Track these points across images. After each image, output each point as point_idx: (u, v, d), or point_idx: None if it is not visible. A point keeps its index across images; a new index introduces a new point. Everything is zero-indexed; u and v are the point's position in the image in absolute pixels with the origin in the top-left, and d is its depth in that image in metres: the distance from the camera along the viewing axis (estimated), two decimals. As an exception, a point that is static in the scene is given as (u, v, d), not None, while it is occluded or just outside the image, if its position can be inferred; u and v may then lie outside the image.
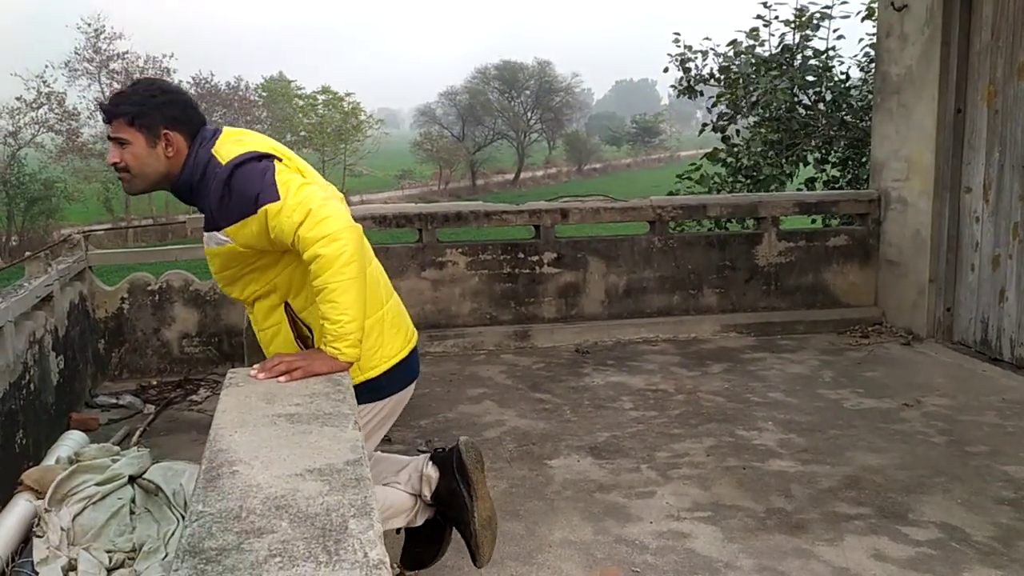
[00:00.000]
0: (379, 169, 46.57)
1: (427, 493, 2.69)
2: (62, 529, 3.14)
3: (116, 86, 35.14)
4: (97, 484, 3.40)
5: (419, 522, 2.76)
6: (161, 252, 5.46)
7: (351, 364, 2.17)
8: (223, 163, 2.22)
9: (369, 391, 2.37)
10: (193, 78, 37.35)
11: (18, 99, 32.21)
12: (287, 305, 2.37)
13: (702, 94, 9.60)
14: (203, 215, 2.33)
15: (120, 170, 2.28)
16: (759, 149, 8.45)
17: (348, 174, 42.97)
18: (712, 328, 5.90)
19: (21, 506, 3.28)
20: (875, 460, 3.83)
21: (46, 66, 34.70)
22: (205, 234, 2.33)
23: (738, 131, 9.14)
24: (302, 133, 41.32)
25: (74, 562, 2.99)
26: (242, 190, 2.18)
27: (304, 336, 2.38)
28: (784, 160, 8.51)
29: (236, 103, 38.23)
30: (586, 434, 4.22)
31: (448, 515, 2.72)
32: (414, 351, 2.55)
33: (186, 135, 2.31)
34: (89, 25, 34.67)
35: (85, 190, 32.34)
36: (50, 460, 3.76)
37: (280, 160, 2.26)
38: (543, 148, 59.56)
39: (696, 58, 9.30)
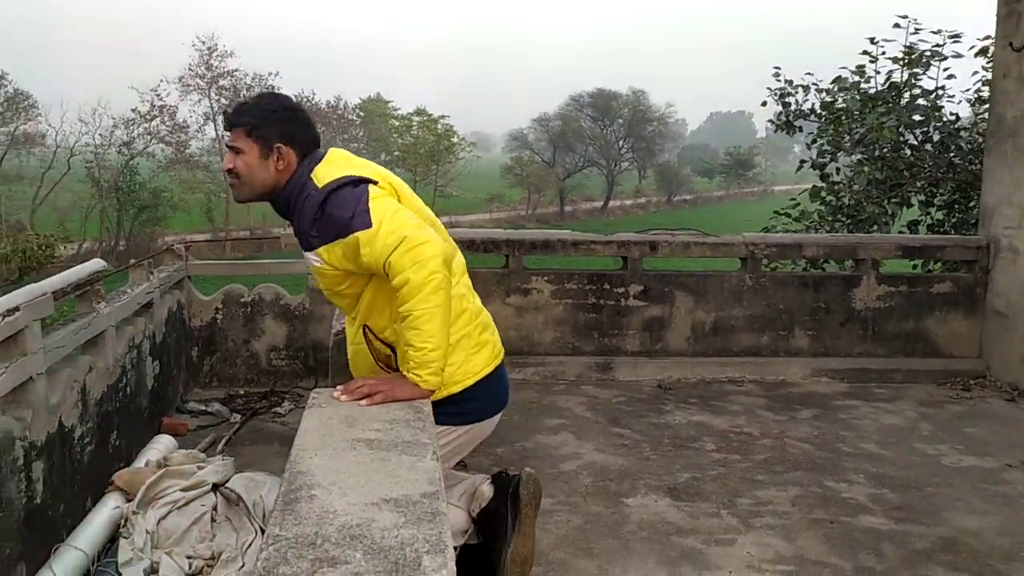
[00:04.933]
0: (469, 191, 47.11)
1: (476, 509, 2.65)
2: (147, 532, 3.22)
3: (224, 101, 36.74)
4: (182, 490, 3.48)
5: (474, 541, 2.71)
6: (255, 265, 5.60)
7: (432, 392, 2.16)
8: (319, 187, 2.27)
9: (450, 413, 2.34)
10: (295, 96, 38.69)
11: (133, 111, 33.87)
12: (365, 327, 2.38)
13: (800, 130, 9.39)
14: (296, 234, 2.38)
15: (232, 175, 2.39)
16: (861, 188, 8.19)
17: (438, 195, 43.62)
18: (802, 371, 5.70)
19: (110, 507, 3.39)
20: (974, 523, 3.62)
21: (160, 80, 36.44)
22: (304, 253, 2.39)
23: (839, 169, 8.89)
24: (396, 153, 42.20)
25: (156, 565, 3.06)
26: (334, 214, 2.22)
27: (384, 356, 2.38)
28: (887, 200, 8.22)
29: (335, 121, 39.40)
30: (665, 474, 4.12)
31: (485, 537, 2.66)
32: (501, 371, 2.52)
33: (298, 152, 2.39)
34: (204, 43, 36.27)
35: (190, 200, 33.72)
36: (140, 462, 3.87)
37: (376, 183, 2.28)
38: (633, 177, 59.34)
39: (796, 92, 9.10)
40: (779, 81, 9.12)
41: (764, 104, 9.68)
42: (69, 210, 31.78)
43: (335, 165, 2.36)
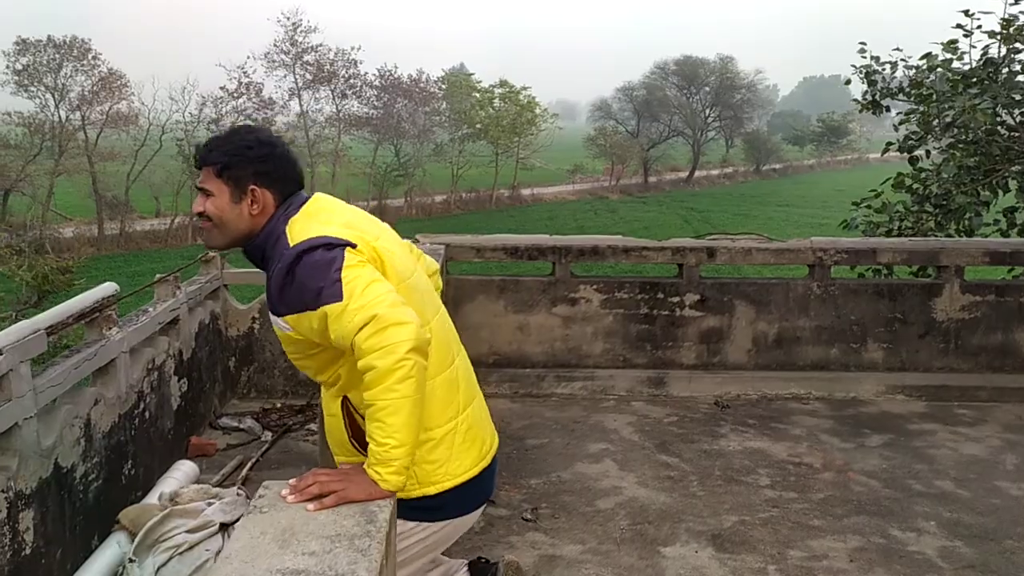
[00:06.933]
0: (552, 162, 46.66)
1: None
2: (143, 583, 3.08)
3: (308, 77, 37.14)
4: (188, 531, 3.32)
5: None
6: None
7: (393, 493, 1.89)
8: (291, 244, 1.99)
9: (425, 509, 2.08)
10: (378, 70, 38.83)
11: (221, 88, 34.59)
12: (345, 399, 2.11)
13: (888, 110, 8.73)
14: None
15: (202, 219, 2.10)
16: (950, 176, 7.53)
17: (520, 167, 43.32)
18: (875, 388, 5.23)
19: (111, 550, 3.26)
20: (1061, 591, 3.18)
21: (247, 57, 36.95)
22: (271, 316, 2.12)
23: (928, 152, 8.23)
24: (478, 126, 41.97)
25: (147, 622, 2.91)
26: (304, 282, 1.93)
27: (360, 433, 2.11)
28: (980, 188, 7.55)
29: (416, 95, 39.36)
30: (711, 515, 3.77)
31: None
32: (489, 468, 2.21)
33: (277, 194, 2.09)
34: (288, 19, 36.63)
35: (274, 175, 34.28)
36: (154, 495, 3.75)
37: (355, 247, 1.98)
38: (720, 147, 57.82)
39: (884, 69, 8.45)
40: (865, 58, 8.49)
41: (848, 82, 9.09)
42: (162, 186, 32.80)
43: (315, 218, 2.05)
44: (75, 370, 3.28)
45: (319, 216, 2.07)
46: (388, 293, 1.90)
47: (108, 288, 3.70)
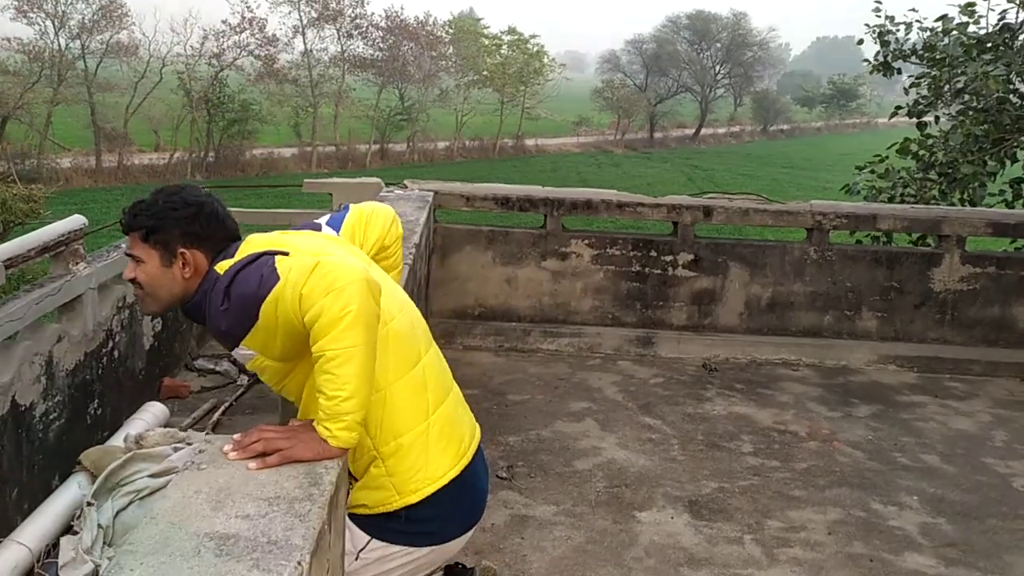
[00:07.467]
0: (557, 113, 46.05)
1: None
2: (99, 526, 2.99)
3: (314, 15, 36.45)
4: (150, 476, 3.23)
5: None
6: (272, 216, 5.29)
7: (343, 452, 1.77)
8: (221, 273, 1.87)
9: (405, 532, 1.95)
10: (385, 11, 38.09)
11: (224, 22, 33.92)
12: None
13: (900, 72, 8.51)
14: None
15: (136, 286, 2.00)
16: (959, 143, 7.34)
17: (525, 117, 42.77)
18: (867, 357, 5.13)
19: (70, 493, 3.17)
20: (1041, 574, 3.10)
21: (253, -10, 36.04)
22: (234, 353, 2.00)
23: (937, 118, 8.03)
24: (484, 73, 41.32)
25: (100, 570, 2.83)
26: (242, 292, 1.80)
27: None
28: (988, 157, 7.36)
29: (423, 38, 38.66)
30: (690, 481, 3.69)
31: None
32: (473, 471, 2.04)
33: (209, 253, 1.95)
34: (295, -47, 35.74)
35: (277, 114, 33.83)
36: (120, 437, 3.65)
37: (287, 254, 1.84)
38: (728, 105, 57.02)
39: (898, 30, 8.21)
40: (879, 17, 8.24)
41: (860, 42, 8.85)
42: (161, 120, 32.34)
43: (244, 252, 1.91)
44: (36, 305, 3.16)
45: (247, 250, 1.91)
46: (326, 256, 1.78)
47: (76, 221, 3.56)
